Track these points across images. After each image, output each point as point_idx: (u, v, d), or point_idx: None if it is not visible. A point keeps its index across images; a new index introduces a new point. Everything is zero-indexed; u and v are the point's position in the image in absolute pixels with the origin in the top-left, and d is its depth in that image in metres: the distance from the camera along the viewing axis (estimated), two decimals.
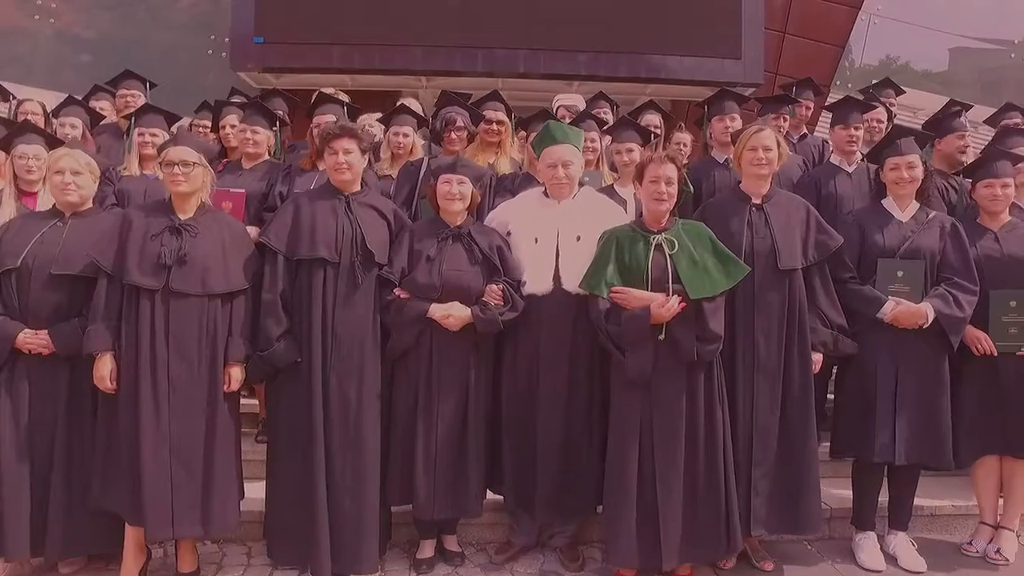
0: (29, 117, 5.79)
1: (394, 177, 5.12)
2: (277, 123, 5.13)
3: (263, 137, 4.98)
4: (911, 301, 4.04)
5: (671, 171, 3.75)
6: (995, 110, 6.01)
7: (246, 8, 9.10)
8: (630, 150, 4.83)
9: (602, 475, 3.85)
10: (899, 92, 6.79)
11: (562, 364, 3.86)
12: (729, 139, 5.03)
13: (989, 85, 11.31)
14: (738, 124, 5.11)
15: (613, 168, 5.13)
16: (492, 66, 9.36)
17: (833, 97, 10.13)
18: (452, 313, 3.77)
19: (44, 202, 4.17)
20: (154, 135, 4.97)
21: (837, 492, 4.61)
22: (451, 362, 3.83)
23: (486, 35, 9.22)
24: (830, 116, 5.32)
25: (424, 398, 3.83)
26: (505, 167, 5.26)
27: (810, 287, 4.01)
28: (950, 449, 4.08)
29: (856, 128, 5.09)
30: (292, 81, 9.61)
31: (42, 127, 5.75)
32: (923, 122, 5.61)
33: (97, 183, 3.98)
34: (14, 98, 6.06)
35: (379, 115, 6.33)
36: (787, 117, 5.73)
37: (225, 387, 3.69)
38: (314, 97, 5.17)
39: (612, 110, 6.57)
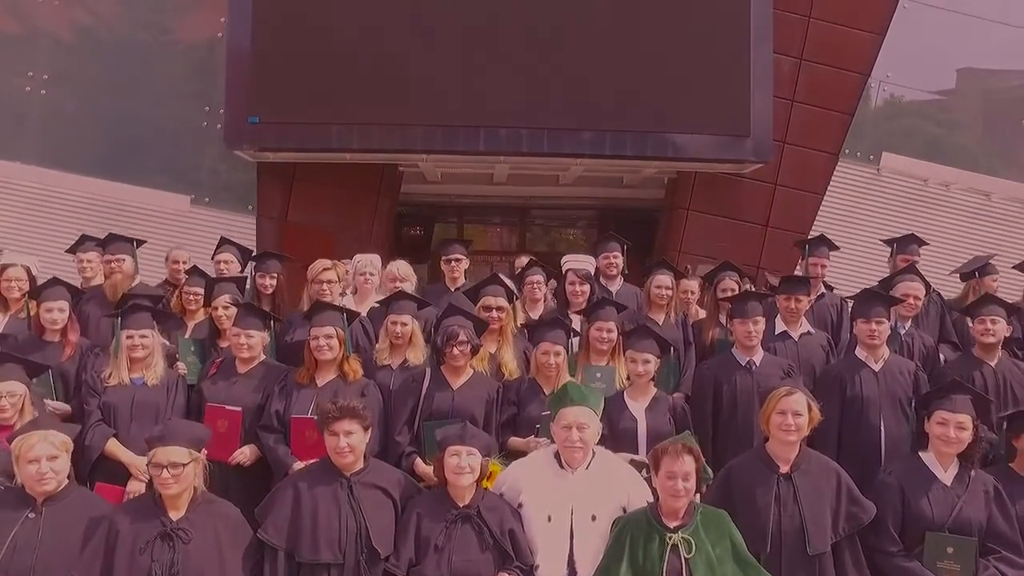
0: (12, 284, 5.56)
1: (393, 368, 4.89)
2: (272, 322, 4.89)
3: (257, 340, 4.72)
4: None
5: (688, 465, 3.53)
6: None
7: (240, 87, 8.75)
8: (647, 361, 4.58)
9: None
10: (922, 244, 6.46)
11: None
12: (754, 343, 4.83)
13: (993, 107, 11.02)
14: (761, 327, 4.85)
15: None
16: (495, 145, 9.04)
17: (843, 164, 10.01)
18: None
19: None
20: (144, 336, 4.71)
21: None
22: None
23: (488, 114, 8.84)
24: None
25: None
26: (508, 356, 5.03)
27: (840, 563, 3.79)
28: None
29: (879, 322, 4.75)
30: (289, 156, 9.36)
31: (25, 291, 5.53)
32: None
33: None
34: None
35: (376, 258, 6.11)
36: (806, 297, 5.40)
37: None
38: (312, 304, 4.88)
39: (621, 250, 6.37)
